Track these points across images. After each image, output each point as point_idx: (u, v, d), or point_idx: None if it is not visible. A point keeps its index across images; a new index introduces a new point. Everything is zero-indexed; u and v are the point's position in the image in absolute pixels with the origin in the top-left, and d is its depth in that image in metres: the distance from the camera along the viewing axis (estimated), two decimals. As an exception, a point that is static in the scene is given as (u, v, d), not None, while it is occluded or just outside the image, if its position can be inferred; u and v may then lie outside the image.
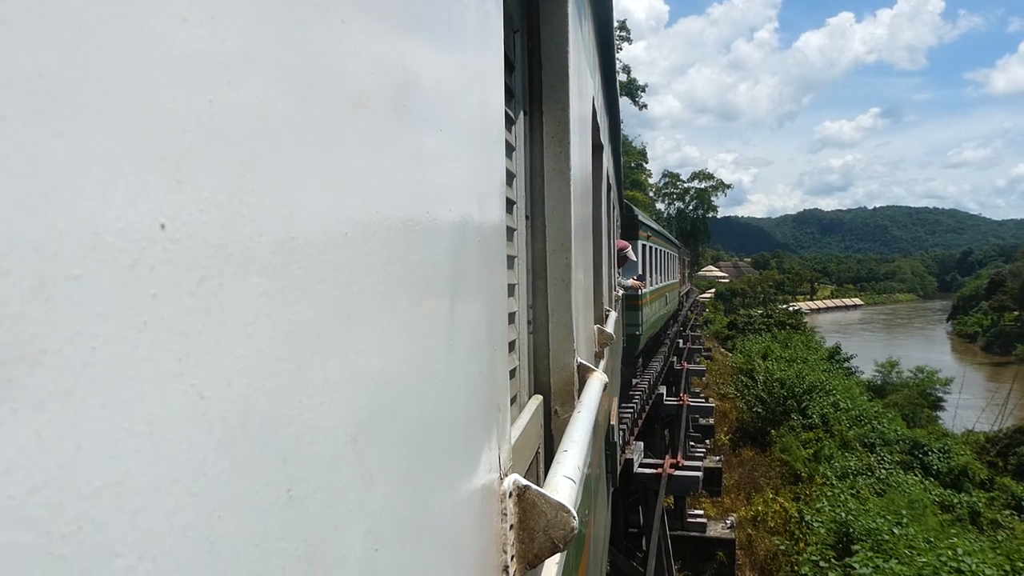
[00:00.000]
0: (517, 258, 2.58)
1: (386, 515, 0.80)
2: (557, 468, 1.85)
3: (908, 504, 19.46)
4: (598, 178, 6.11)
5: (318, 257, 0.66)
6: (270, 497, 0.56)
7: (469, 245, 1.21)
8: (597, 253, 5.81)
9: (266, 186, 0.58)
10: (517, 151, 2.61)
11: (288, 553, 0.58)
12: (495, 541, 1.33)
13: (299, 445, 0.61)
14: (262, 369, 0.56)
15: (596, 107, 5.14)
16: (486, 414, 1.32)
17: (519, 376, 2.56)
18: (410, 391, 0.90)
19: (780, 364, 34.86)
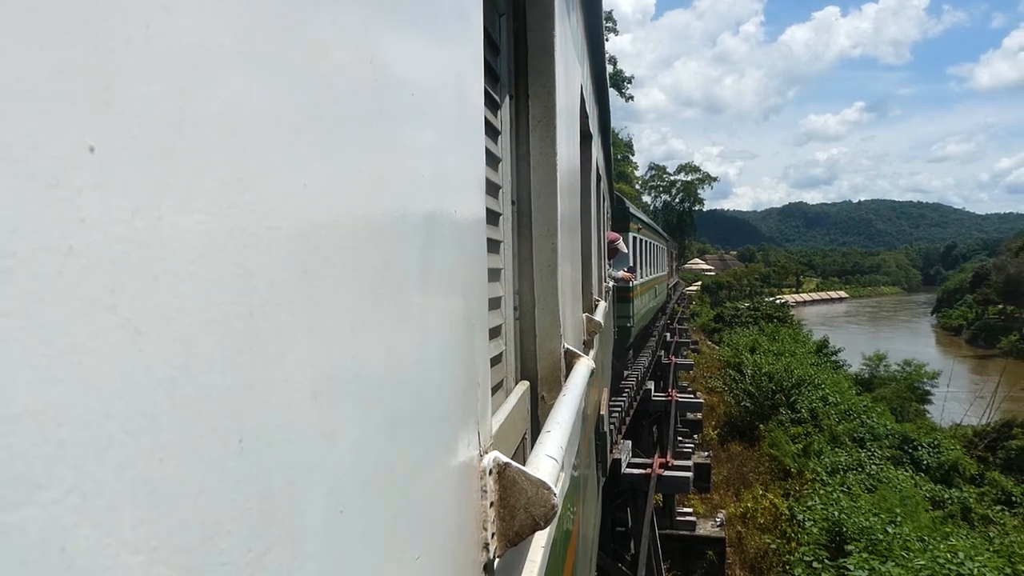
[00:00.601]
0: (503, 243, 2.56)
1: (351, 478, 0.78)
2: (540, 448, 1.80)
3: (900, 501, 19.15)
4: (587, 167, 6.10)
5: (272, 203, 0.63)
6: (218, 445, 0.54)
7: (442, 224, 1.18)
8: (586, 242, 5.79)
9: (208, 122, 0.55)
10: (503, 135, 2.59)
11: (239, 505, 0.57)
12: (475, 518, 1.32)
13: (250, 395, 0.59)
14: (206, 311, 0.54)
15: (584, 96, 5.11)
16: (463, 390, 1.30)
17: (505, 361, 2.56)
18: (377, 356, 0.87)
19: (768, 358, 34.67)
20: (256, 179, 0.61)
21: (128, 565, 0.45)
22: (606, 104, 8.82)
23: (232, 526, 0.55)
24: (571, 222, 3.93)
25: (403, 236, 0.98)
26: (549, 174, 2.89)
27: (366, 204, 0.85)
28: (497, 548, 1.40)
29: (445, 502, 1.14)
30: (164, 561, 0.48)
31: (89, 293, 0.43)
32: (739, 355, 37.59)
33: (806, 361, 37.10)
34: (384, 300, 0.90)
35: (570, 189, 3.84)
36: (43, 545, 0.40)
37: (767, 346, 40.15)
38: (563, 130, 3.16)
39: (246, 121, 0.60)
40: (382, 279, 0.89)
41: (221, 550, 0.54)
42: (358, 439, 0.81)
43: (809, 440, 25.76)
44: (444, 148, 1.22)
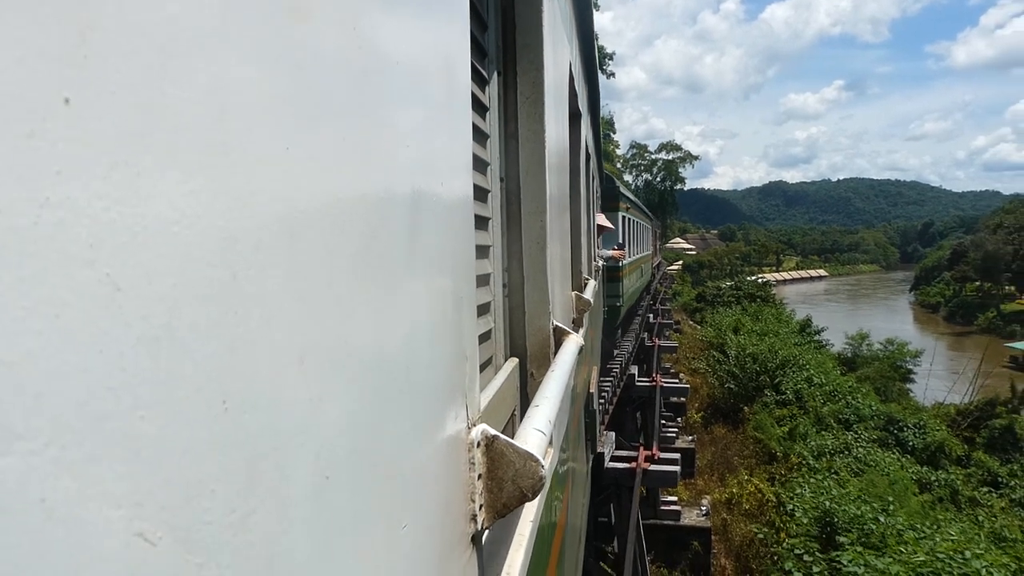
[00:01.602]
0: (491, 220, 2.56)
1: (338, 444, 0.78)
2: (528, 422, 1.80)
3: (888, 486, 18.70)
4: (576, 146, 6.10)
5: (255, 167, 0.64)
6: (202, 406, 0.54)
7: (428, 197, 1.18)
8: (575, 221, 5.77)
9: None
10: (491, 112, 2.60)
11: (224, 466, 0.57)
12: (462, 490, 1.33)
13: (235, 357, 0.59)
14: (188, 272, 0.53)
15: (573, 74, 5.07)
16: (450, 362, 1.30)
17: (494, 338, 2.57)
18: (363, 326, 0.87)
19: (752, 338, 34.25)
20: (239, 143, 0.60)
21: (110, 519, 0.45)
22: (595, 83, 8.74)
23: (216, 486, 0.55)
24: (560, 200, 3.92)
25: (389, 206, 0.98)
26: (537, 151, 2.90)
27: (351, 175, 0.84)
28: (485, 520, 1.40)
29: (432, 473, 1.14)
30: (147, 516, 0.48)
31: (66, 246, 0.43)
32: (722, 336, 37.17)
33: (789, 341, 36.73)
34: (370, 269, 0.89)
35: (559, 167, 3.82)
36: (22, 495, 0.40)
37: (750, 326, 39.79)
38: (552, 107, 3.15)
39: (229, 87, 0.59)
40: (368, 249, 0.88)
41: (205, 509, 0.54)
42: (344, 406, 0.80)
43: (795, 423, 25.33)
44: (431, 122, 1.21)
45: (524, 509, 1.94)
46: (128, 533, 0.47)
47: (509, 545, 1.83)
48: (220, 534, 0.56)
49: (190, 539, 0.52)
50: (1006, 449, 28.65)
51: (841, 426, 25.91)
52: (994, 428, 29.89)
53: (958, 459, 25.18)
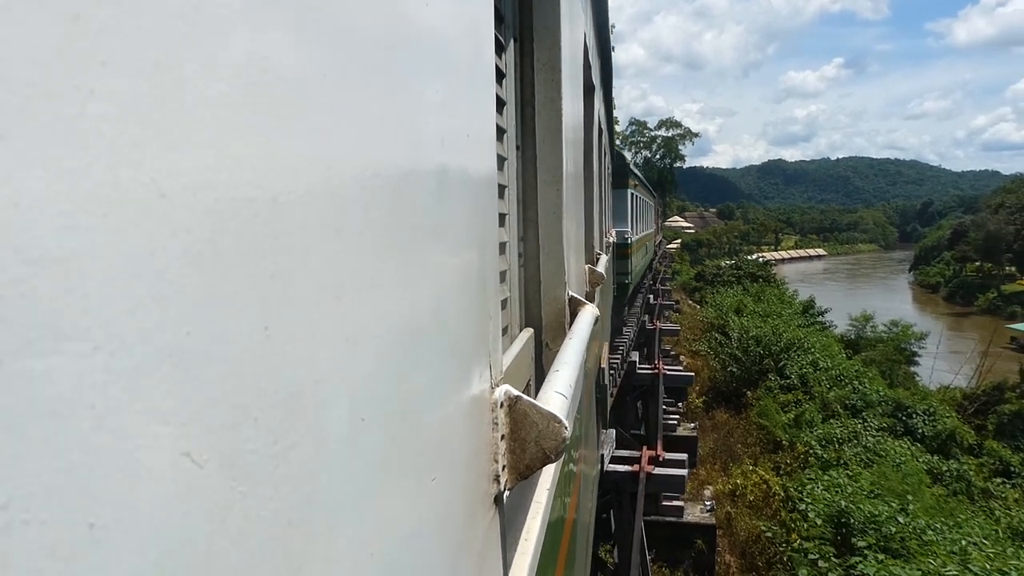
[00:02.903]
0: (507, 188, 2.56)
1: (372, 388, 0.79)
2: (548, 386, 1.81)
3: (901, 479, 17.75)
4: (589, 119, 5.99)
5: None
6: (245, 329, 0.54)
7: (453, 162, 1.17)
8: (588, 194, 5.64)
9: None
10: (508, 79, 2.58)
11: (267, 395, 0.57)
12: (486, 450, 1.32)
13: (275, 284, 0.58)
14: (233, 188, 0.53)
15: (588, 46, 5.00)
16: (475, 320, 1.30)
17: (510, 308, 2.58)
18: (395, 273, 0.88)
19: (755, 320, 33.22)
20: (276, 105, 0.60)
21: (158, 435, 0.45)
22: (608, 58, 8.55)
23: (259, 415, 0.55)
24: (575, 172, 3.89)
25: (418, 168, 0.99)
26: (554, 120, 2.90)
27: (384, 139, 0.86)
28: (508, 481, 1.39)
29: (458, 430, 1.14)
30: (194, 437, 0.48)
31: (112, 143, 0.42)
32: (724, 317, 36.18)
33: (793, 323, 35.71)
34: (402, 225, 0.91)
35: (574, 138, 3.80)
36: (73, 399, 0.39)
37: (752, 307, 38.78)
38: (567, 76, 3.13)
39: (261, 55, 0.58)
40: (400, 206, 0.90)
41: (248, 437, 0.54)
42: (377, 350, 0.81)
43: (800, 409, 24.36)
44: (457, 90, 1.22)
45: (541, 478, 1.96)
46: (175, 452, 0.46)
47: (527, 511, 1.82)
48: (263, 464, 0.55)
49: (235, 465, 0.52)
50: (1015, 436, 27.82)
51: (848, 412, 24.97)
52: (1003, 414, 29.02)
53: (970, 448, 24.26)
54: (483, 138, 1.44)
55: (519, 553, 1.67)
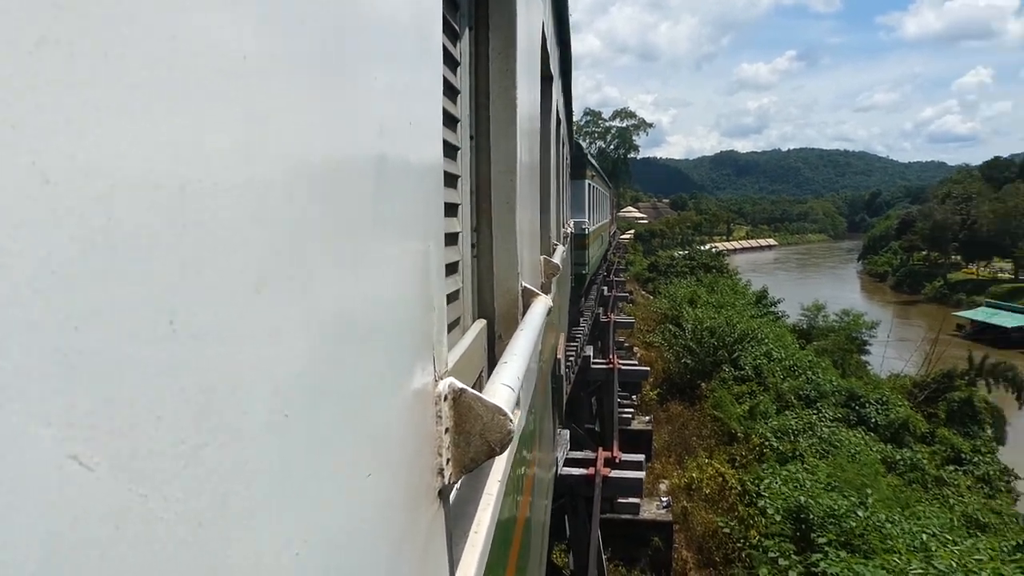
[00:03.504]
0: (460, 178, 2.54)
1: (299, 382, 0.76)
2: (496, 377, 1.78)
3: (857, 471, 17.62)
4: (547, 109, 5.97)
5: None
6: (146, 324, 0.51)
7: (395, 149, 1.14)
8: (545, 183, 5.67)
9: None
10: (462, 67, 2.58)
11: (171, 391, 0.54)
12: (429, 443, 1.30)
13: (183, 276, 0.55)
14: (130, 176, 0.49)
15: (546, 35, 4.95)
16: (417, 312, 1.28)
17: (462, 299, 2.58)
18: (326, 265, 0.84)
19: (708, 311, 33.12)
20: (205, 91, 0.58)
21: (39, 437, 0.42)
22: (567, 47, 8.50)
23: (163, 412, 0.52)
24: (530, 162, 3.89)
25: (355, 155, 0.96)
26: (509, 110, 2.88)
27: (317, 123, 0.82)
28: (452, 474, 1.38)
29: (398, 423, 1.12)
30: (82, 438, 0.45)
31: None
32: (677, 308, 36.05)
33: (746, 314, 35.73)
34: (335, 215, 0.87)
35: (530, 128, 3.78)
36: None
37: (706, 298, 38.75)
38: (523, 66, 3.10)
39: (192, 37, 0.56)
40: (333, 194, 0.86)
41: (150, 436, 0.51)
42: (305, 345, 0.78)
43: (755, 401, 24.23)
44: (401, 76, 1.19)
45: (492, 468, 1.94)
46: (60, 454, 0.43)
47: (478, 504, 1.79)
48: (168, 465, 0.52)
49: (132, 467, 0.49)
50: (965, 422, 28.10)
51: (802, 403, 24.93)
52: (952, 401, 29.29)
53: (922, 436, 24.39)
54: (428, 126, 1.40)
55: (469, 545, 1.63)
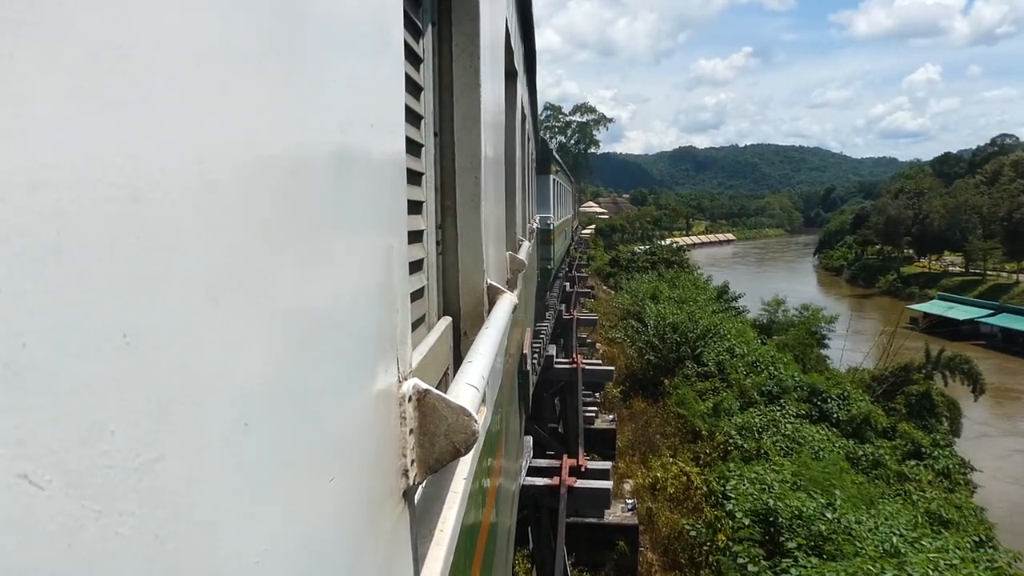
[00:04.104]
0: (425, 175, 2.55)
1: (258, 390, 0.75)
2: (460, 377, 1.79)
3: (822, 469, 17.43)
4: (511, 104, 5.96)
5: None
6: (98, 338, 0.50)
7: (355, 147, 1.12)
8: (510, 179, 5.68)
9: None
10: (425, 64, 2.57)
11: (125, 405, 0.53)
12: (393, 444, 1.30)
13: (137, 287, 0.54)
14: (80, 185, 0.48)
15: (510, 30, 4.94)
16: (380, 314, 1.26)
17: (427, 297, 2.57)
18: (285, 273, 0.84)
19: (671, 307, 32.91)
20: (157, 85, 0.57)
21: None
22: (532, 43, 8.44)
23: (117, 427, 0.51)
24: (495, 158, 3.87)
25: (314, 155, 0.94)
26: (473, 106, 2.86)
27: (274, 121, 0.81)
28: (417, 475, 1.37)
29: (361, 426, 1.12)
30: (32, 456, 0.44)
31: None
32: (639, 303, 35.81)
33: (708, 309, 35.66)
34: (293, 217, 0.86)
35: (494, 124, 3.79)
36: None
37: (668, 293, 38.60)
38: (487, 61, 3.12)
39: (145, 31, 0.55)
40: (291, 196, 0.85)
41: (103, 452, 0.50)
42: (265, 352, 0.77)
43: (718, 398, 24.02)
44: (360, 72, 1.18)
45: (458, 466, 1.93)
46: (9, 474, 0.42)
47: (443, 502, 1.79)
48: (123, 479, 0.51)
49: (85, 483, 0.48)
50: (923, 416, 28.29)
51: (765, 399, 24.82)
52: (911, 394, 29.48)
53: (883, 431, 24.43)
54: (390, 123, 1.38)
55: (434, 544, 1.63)
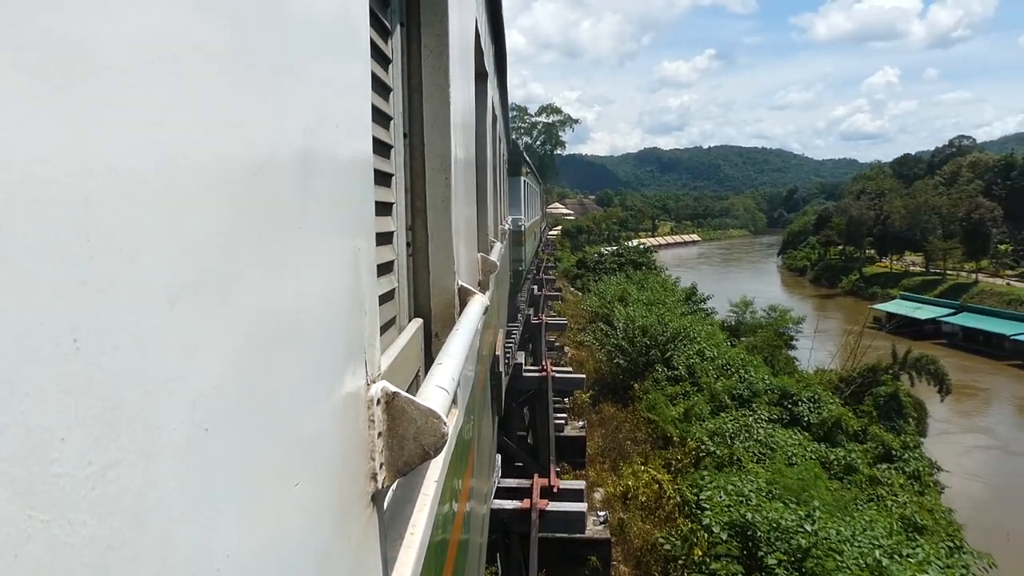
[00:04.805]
0: (394, 176, 2.55)
1: (219, 394, 0.73)
2: (430, 379, 1.78)
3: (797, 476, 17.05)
4: (482, 106, 6.03)
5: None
6: (45, 343, 0.48)
7: (321, 147, 1.11)
8: (482, 181, 5.70)
9: None
10: (394, 64, 2.57)
11: (76, 412, 0.51)
12: (362, 447, 1.29)
13: (87, 289, 0.52)
14: (26, 192, 0.47)
15: (480, 31, 4.94)
16: (347, 317, 1.25)
17: (398, 298, 2.58)
18: (248, 277, 0.82)
19: (640, 309, 32.51)
20: (119, 82, 0.56)
21: None
22: (502, 44, 8.42)
23: (66, 434, 0.49)
24: (466, 159, 3.91)
25: (278, 155, 0.93)
26: (442, 106, 2.86)
27: (237, 123, 0.80)
28: (386, 479, 1.37)
29: (328, 429, 1.10)
30: None
31: None
32: (608, 306, 35.39)
33: (677, 311, 35.34)
34: (257, 221, 0.84)
35: (464, 125, 3.80)
36: None
37: (636, 295, 38.22)
38: (456, 61, 3.09)
39: (108, 32, 0.54)
40: (255, 199, 0.83)
41: (52, 459, 0.48)
42: (226, 356, 0.75)
43: (690, 402, 23.60)
44: (325, 72, 1.18)
45: (429, 469, 1.94)
46: None
47: (414, 505, 1.80)
48: (73, 488, 0.50)
49: (33, 492, 0.46)
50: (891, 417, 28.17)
51: (736, 403, 24.48)
52: (879, 396, 29.37)
53: (854, 434, 24.19)
54: (357, 124, 1.37)
55: (404, 547, 1.63)
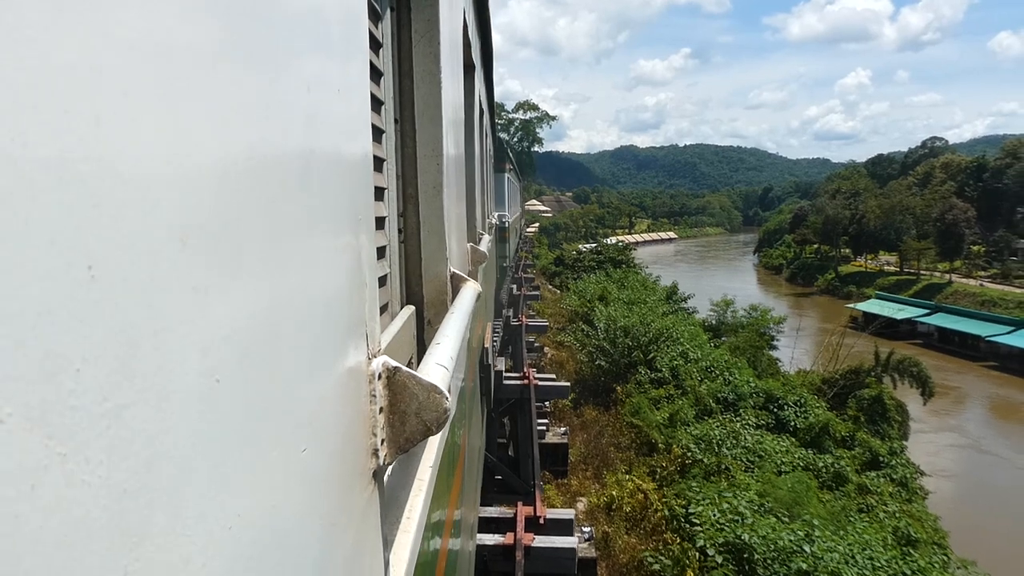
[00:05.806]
0: (386, 162, 2.51)
1: (228, 346, 0.71)
2: (429, 358, 1.76)
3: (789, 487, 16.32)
4: (470, 99, 5.95)
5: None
6: (60, 267, 0.47)
7: (320, 129, 1.10)
8: (470, 173, 5.65)
9: None
10: (385, 49, 2.54)
11: (91, 342, 0.49)
12: (363, 423, 1.27)
13: (101, 216, 0.51)
14: (41, 108, 0.45)
15: (467, 22, 4.92)
16: (348, 288, 1.23)
17: (390, 285, 2.56)
18: (254, 235, 0.80)
19: (621, 309, 31.71)
20: (126, 76, 0.54)
21: None
22: (489, 38, 8.40)
23: (82, 365, 0.48)
24: (456, 147, 3.88)
25: (282, 141, 0.92)
26: (433, 93, 2.83)
27: (243, 110, 0.79)
28: (387, 455, 1.35)
29: (332, 400, 1.08)
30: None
31: None
32: (588, 305, 34.56)
33: (659, 311, 34.57)
34: (263, 194, 0.83)
35: (454, 113, 3.78)
36: None
37: (617, 294, 37.42)
38: (447, 50, 3.07)
39: (104, 29, 0.52)
40: (261, 175, 0.83)
41: (69, 391, 0.47)
42: (233, 305, 0.73)
43: (674, 407, 22.81)
44: (326, 60, 1.16)
45: (424, 454, 1.94)
46: None
47: (410, 488, 1.79)
48: (90, 423, 0.48)
49: (49, 422, 0.45)
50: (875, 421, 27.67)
51: (721, 406, 23.76)
52: (863, 399, 28.86)
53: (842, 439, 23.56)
54: (357, 111, 1.36)
55: (401, 531, 1.61)
